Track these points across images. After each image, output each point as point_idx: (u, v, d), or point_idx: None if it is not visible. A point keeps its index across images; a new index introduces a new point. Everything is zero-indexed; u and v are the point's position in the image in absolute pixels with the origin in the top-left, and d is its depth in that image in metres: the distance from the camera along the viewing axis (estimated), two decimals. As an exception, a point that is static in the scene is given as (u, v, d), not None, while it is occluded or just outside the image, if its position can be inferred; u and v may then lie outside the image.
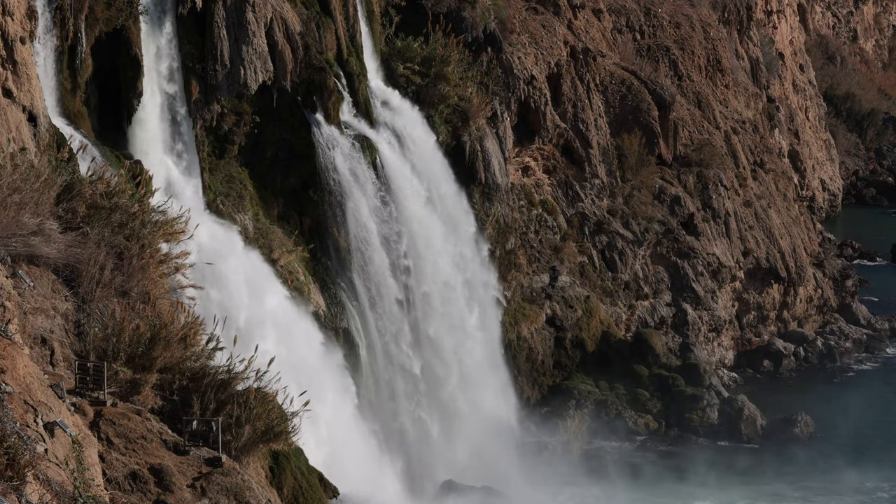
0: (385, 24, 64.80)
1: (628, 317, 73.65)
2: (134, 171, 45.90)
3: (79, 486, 24.98)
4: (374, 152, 58.65)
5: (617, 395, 68.42)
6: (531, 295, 69.74)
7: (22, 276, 33.10)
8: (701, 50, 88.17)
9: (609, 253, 74.00)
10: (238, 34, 53.68)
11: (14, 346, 26.64)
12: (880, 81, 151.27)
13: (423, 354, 59.67)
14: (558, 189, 73.85)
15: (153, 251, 39.20)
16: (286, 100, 56.50)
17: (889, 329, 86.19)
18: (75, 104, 48.02)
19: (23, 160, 37.77)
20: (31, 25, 42.44)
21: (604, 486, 60.65)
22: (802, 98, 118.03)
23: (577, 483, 60.95)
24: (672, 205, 76.93)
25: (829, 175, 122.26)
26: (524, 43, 71.58)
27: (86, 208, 37.91)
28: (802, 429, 67.69)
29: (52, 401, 26.34)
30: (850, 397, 74.24)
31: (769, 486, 61.48)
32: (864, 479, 62.13)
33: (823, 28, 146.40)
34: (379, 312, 57.78)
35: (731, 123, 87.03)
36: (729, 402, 69.33)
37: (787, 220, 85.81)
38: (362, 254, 57.54)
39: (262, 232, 55.21)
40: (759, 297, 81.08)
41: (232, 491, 31.08)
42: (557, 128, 73.07)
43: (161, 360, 34.34)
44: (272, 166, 56.92)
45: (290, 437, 36.86)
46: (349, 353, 56.16)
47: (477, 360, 62.80)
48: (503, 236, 67.65)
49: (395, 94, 62.85)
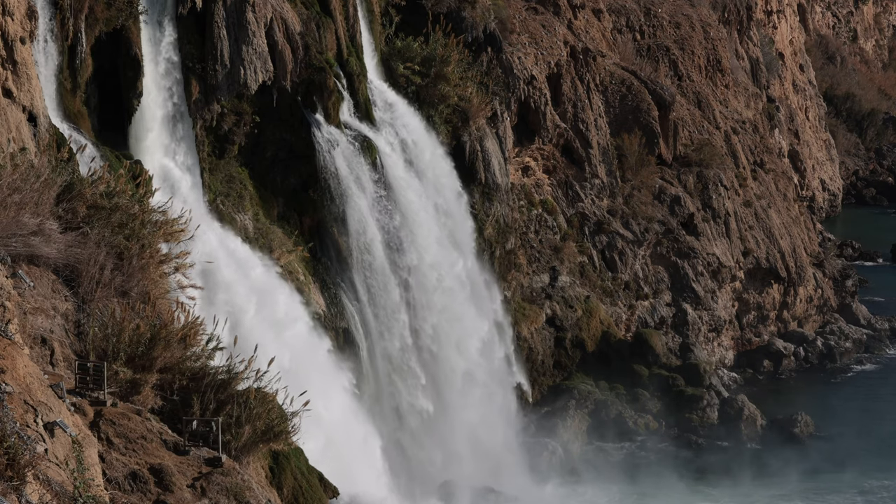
0: (385, 24, 64.80)
1: (628, 317, 73.65)
2: (134, 172, 45.90)
3: (79, 486, 24.98)
4: (374, 152, 58.65)
5: (617, 395, 68.42)
6: (531, 295, 69.74)
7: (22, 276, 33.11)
8: (701, 50, 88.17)
9: (609, 253, 74.01)
10: (238, 34, 53.68)
11: (14, 346, 26.65)
12: (880, 81, 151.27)
13: (424, 354, 59.66)
14: (558, 189, 73.85)
15: (153, 251, 39.22)
16: (286, 100, 56.50)
17: (889, 329, 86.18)
18: (75, 104, 48.01)
19: (23, 160, 37.78)
20: (31, 25, 42.45)
21: (603, 487, 60.66)
22: (802, 98, 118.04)
23: (577, 483, 60.96)
24: (672, 205, 76.93)
25: (829, 175, 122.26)
26: (524, 43, 71.58)
27: (86, 208, 37.92)
28: (802, 429, 67.69)
29: (52, 401, 26.34)
30: (850, 397, 74.27)
31: (769, 486, 61.48)
32: (864, 479, 62.15)
33: (823, 28, 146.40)
34: (379, 312, 57.77)
35: (731, 123, 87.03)
36: (729, 402, 69.33)
37: (787, 220, 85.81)
38: (362, 254, 57.54)
39: (262, 232, 55.22)
40: (759, 297, 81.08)
41: (232, 491, 31.09)
42: (557, 128, 73.07)
43: (161, 360, 34.35)
44: (272, 166, 56.91)
45: (290, 437, 36.87)
46: (349, 352, 56.15)
47: (477, 360, 62.79)
48: (503, 236, 67.65)
49: (395, 94, 62.85)
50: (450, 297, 61.31)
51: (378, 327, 57.69)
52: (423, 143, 62.54)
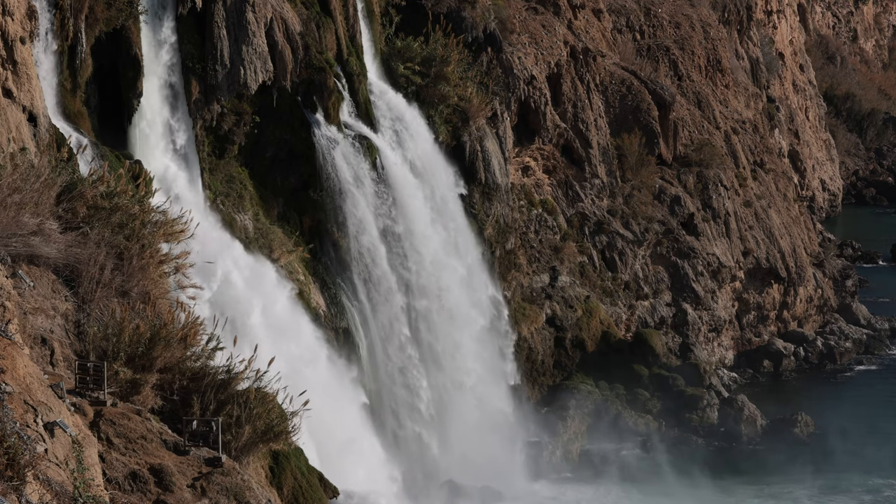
0: (385, 24, 64.81)
1: (628, 317, 73.64)
2: (134, 171, 45.91)
3: (79, 486, 24.98)
4: (374, 152, 58.66)
5: (617, 395, 68.39)
6: (531, 295, 69.73)
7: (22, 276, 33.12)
8: (701, 50, 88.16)
9: (609, 253, 74.00)
10: (238, 34, 53.68)
11: (14, 346, 26.64)
12: (880, 81, 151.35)
13: (424, 354, 59.67)
14: (558, 189, 73.84)
15: (153, 251, 39.21)
16: (286, 100, 56.50)
17: (889, 329, 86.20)
18: (75, 104, 48.00)
19: (23, 160, 37.80)
20: (31, 25, 42.45)
21: (603, 487, 60.64)
22: (802, 98, 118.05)
23: (577, 483, 60.95)
24: (672, 205, 76.93)
25: (829, 175, 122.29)
26: (524, 43, 71.58)
27: (86, 208, 37.92)
28: (802, 429, 67.66)
29: (52, 401, 26.34)
30: (850, 397, 74.26)
31: (769, 486, 61.47)
32: (864, 480, 62.15)
33: (823, 28, 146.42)
34: (379, 312, 57.78)
35: (731, 123, 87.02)
36: (729, 402, 69.32)
37: (787, 220, 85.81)
38: (362, 253, 57.54)
39: (262, 232, 55.22)
40: (759, 297, 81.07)
41: (232, 491, 31.09)
42: (557, 128, 73.07)
43: (161, 360, 34.35)
44: (272, 166, 56.91)
45: (290, 436, 36.87)
46: (349, 352, 56.15)
47: (477, 360, 62.79)
48: (503, 236, 67.65)
49: (396, 94, 62.85)
50: (450, 296, 61.32)
51: (378, 327, 57.69)
52: (423, 143, 62.54)
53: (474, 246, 64.67)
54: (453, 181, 64.13)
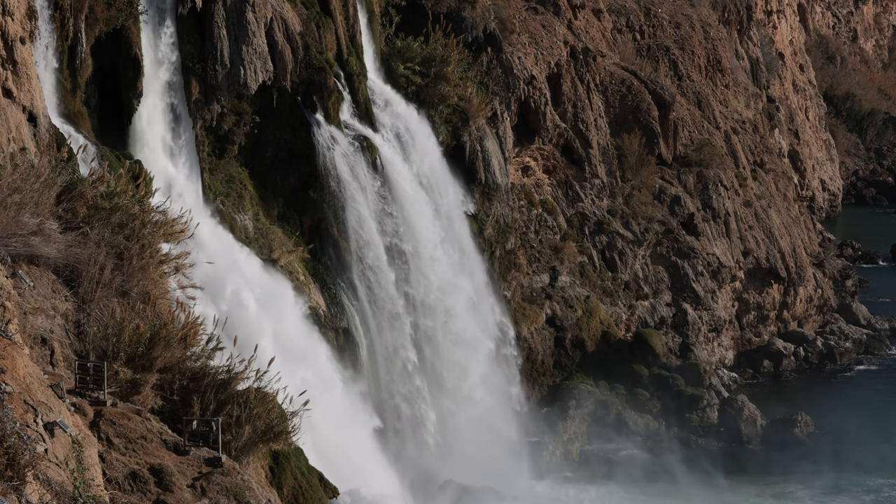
0: (385, 24, 64.81)
1: (628, 317, 73.64)
2: (134, 171, 45.90)
3: (79, 486, 24.98)
4: (374, 152, 58.66)
5: (617, 395, 68.38)
6: (531, 295, 69.72)
7: (22, 276, 33.12)
8: (701, 50, 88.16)
9: (609, 253, 73.99)
10: (238, 34, 53.67)
11: (14, 346, 26.64)
12: (880, 81, 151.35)
13: (424, 354, 59.68)
14: (558, 189, 73.84)
15: (153, 251, 39.21)
16: (286, 100, 56.49)
17: (889, 329, 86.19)
18: (75, 104, 48.00)
19: (23, 160, 37.80)
20: (31, 25, 42.45)
21: (603, 487, 60.63)
22: (802, 98, 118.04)
23: (577, 483, 60.94)
24: (672, 205, 76.92)
25: (829, 175, 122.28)
26: (524, 43, 71.58)
27: (86, 208, 37.91)
28: (802, 429, 67.65)
29: (52, 401, 26.33)
30: (850, 397, 74.24)
31: (769, 486, 61.47)
32: (864, 480, 62.12)
33: (823, 28, 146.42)
34: (379, 312, 57.78)
35: (731, 123, 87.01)
36: (729, 402, 69.31)
37: (787, 220, 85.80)
38: (362, 253, 57.55)
39: (262, 232, 55.22)
40: (759, 297, 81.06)
41: (232, 491, 31.09)
42: (557, 128, 73.07)
43: (161, 360, 34.34)
44: (272, 166, 56.91)
45: (290, 436, 36.87)
46: (350, 352, 56.16)
47: (477, 360, 62.80)
48: (503, 236, 67.66)
49: (396, 94, 62.85)
50: (450, 296, 61.33)
51: (378, 327, 57.70)
52: (423, 144, 62.55)
53: (474, 246, 64.67)
54: (453, 181, 64.17)
